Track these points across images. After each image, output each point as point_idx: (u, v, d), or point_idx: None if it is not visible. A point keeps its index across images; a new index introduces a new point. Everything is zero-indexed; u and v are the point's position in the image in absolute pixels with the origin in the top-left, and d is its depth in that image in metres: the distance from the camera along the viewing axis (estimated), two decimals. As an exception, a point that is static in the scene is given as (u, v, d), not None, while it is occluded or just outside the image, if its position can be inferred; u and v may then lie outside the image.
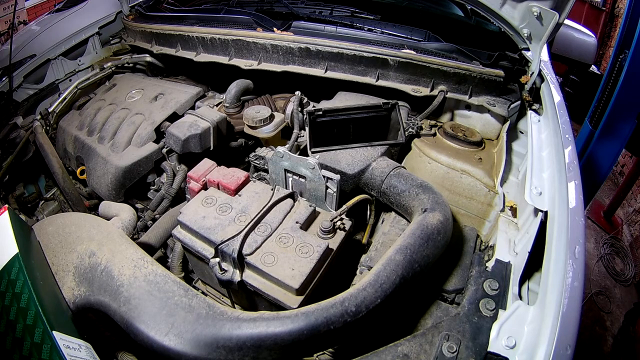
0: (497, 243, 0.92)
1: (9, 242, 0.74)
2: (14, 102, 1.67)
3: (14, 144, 1.55)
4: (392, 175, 1.02)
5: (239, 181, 0.99)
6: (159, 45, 1.75)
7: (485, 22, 1.56)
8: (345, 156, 1.08)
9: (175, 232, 0.93)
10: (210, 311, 0.69)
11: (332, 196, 1.03)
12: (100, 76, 1.81)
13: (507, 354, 0.67)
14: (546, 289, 0.71)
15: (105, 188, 1.32)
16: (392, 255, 0.75)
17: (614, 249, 3.19)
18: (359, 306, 0.67)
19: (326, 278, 0.86)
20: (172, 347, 0.66)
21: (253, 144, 1.45)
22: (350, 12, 1.70)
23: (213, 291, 1.09)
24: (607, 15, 4.61)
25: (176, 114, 1.44)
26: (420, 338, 0.73)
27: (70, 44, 1.87)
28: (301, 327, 0.64)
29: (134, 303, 0.72)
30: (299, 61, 1.40)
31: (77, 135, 1.48)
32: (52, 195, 1.63)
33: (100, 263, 0.78)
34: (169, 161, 1.37)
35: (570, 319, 0.67)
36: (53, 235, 0.85)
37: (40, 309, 0.67)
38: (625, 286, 2.99)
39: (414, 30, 1.43)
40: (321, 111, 1.07)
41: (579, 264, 0.75)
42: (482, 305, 0.78)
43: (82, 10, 2.00)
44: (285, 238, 0.85)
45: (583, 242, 0.79)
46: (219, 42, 1.51)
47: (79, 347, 0.68)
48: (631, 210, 3.35)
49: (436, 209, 0.87)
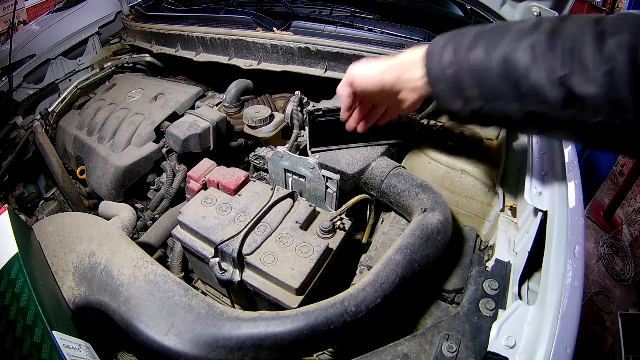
0: (497, 243, 0.92)
1: (9, 242, 0.74)
2: (14, 102, 1.67)
3: (14, 144, 1.55)
4: (392, 175, 1.02)
5: (239, 181, 0.99)
6: (159, 45, 1.75)
7: (485, 22, 1.56)
8: (345, 156, 1.08)
9: (175, 232, 0.93)
10: (210, 311, 0.69)
11: (332, 196, 1.03)
12: (100, 76, 1.81)
13: (507, 354, 0.67)
14: (546, 289, 0.71)
15: (105, 188, 1.32)
16: (392, 255, 0.75)
17: (614, 249, 3.19)
18: (359, 306, 0.67)
19: (326, 278, 0.86)
20: (172, 347, 0.66)
21: (253, 144, 1.45)
22: (350, 12, 1.70)
23: (213, 291, 1.09)
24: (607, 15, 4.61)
25: (176, 114, 1.44)
26: (420, 338, 0.73)
27: (70, 44, 1.87)
28: (301, 327, 0.64)
29: (134, 303, 0.72)
30: (299, 61, 1.40)
31: (77, 135, 1.48)
32: (52, 195, 1.63)
33: (100, 263, 0.78)
34: (169, 161, 1.38)
35: (570, 319, 0.67)
36: (53, 235, 0.85)
37: (40, 309, 0.67)
38: (625, 286, 3.00)
39: (414, 30, 1.43)
40: (321, 111, 1.07)
41: (579, 264, 0.74)
42: (482, 305, 0.78)
43: (82, 10, 2.00)
44: (285, 238, 0.85)
45: (583, 242, 0.79)
46: (219, 42, 1.51)
47: (79, 347, 0.68)
48: (631, 210, 3.35)
49: (436, 209, 0.87)
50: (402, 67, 0.78)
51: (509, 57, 0.63)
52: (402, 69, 0.77)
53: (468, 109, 0.69)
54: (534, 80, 0.61)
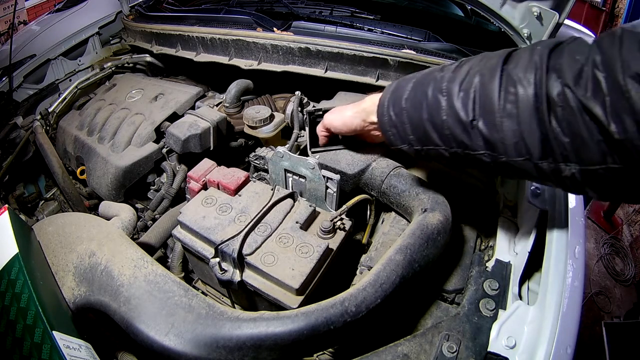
0: (497, 243, 0.92)
1: (9, 242, 0.74)
2: (14, 102, 1.67)
3: (14, 144, 1.55)
4: (392, 175, 1.02)
5: (239, 181, 0.99)
6: (159, 45, 1.75)
7: (485, 22, 1.56)
8: (345, 156, 1.08)
9: (175, 232, 0.93)
10: (210, 311, 0.69)
11: (332, 196, 1.03)
12: (100, 76, 1.81)
13: (507, 354, 0.67)
14: (546, 289, 0.72)
15: (105, 188, 1.32)
16: (392, 255, 0.75)
17: (614, 249, 3.19)
18: (359, 306, 0.67)
19: (326, 278, 0.86)
20: (172, 347, 0.66)
21: (253, 144, 1.45)
22: (350, 12, 1.70)
23: (213, 291, 1.09)
24: (607, 15, 4.61)
25: (176, 114, 1.44)
26: (420, 338, 0.73)
27: (70, 44, 1.87)
28: (301, 327, 0.64)
29: (134, 303, 0.72)
30: (299, 61, 1.40)
31: (77, 135, 1.48)
32: (52, 195, 1.63)
33: (100, 263, 0.78)
34: (169, 161, 1.37)
35: (570, 319, 0.67)
36: (53, 235, 0.85)
37: (40, 309, 0.67)
38: (625, 286, 3.00)
39: (414, 30, 1.43)
40: (321, 111, 1.07)
41: (579, 264, 0.75)
42: (482, 305, 0.78)
43: (82, 10, 2.00)
44: (285, 238, 0.85)
45: (583, 242, 0.79)
46: (219, 42, 1.51)
47: (79, 347, 0.68)
48: (631, 210, 3.35)
49: (436, 209, 0.87)
50: (364, 114, 0.91)
51: (431, 107, 0.70)
52: (363, 116, 0.91)
53: (412, 150, 0.78)
54: (450, 126, 0.68)
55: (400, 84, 0.79)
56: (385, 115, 0.80)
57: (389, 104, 0.79)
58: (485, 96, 0.63)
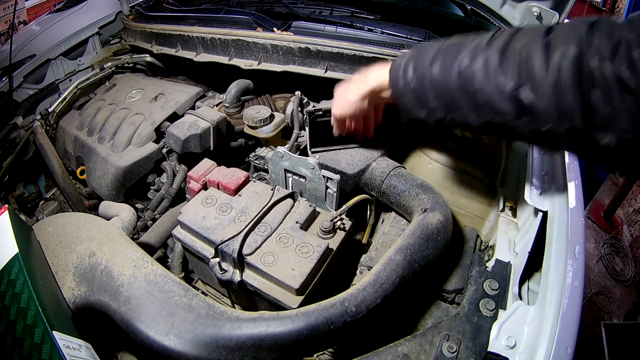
0: (497, 243, 0.91)
1: (9, 242, 0.74)
2: (14, 102, 1.67)
3: (14, 144, 1.55)
4: (392, 175, 1.02)
5: (239, 181, 0.99)
6: (159, 45, 1.75)
7: (485, 22, 1.56)
8: (345, 156, 1.08)
9: (175, 232, 0.93)
10: (210, 311, 0.69)
11: (332, 196, 1.03)
12: (100, 76, 1.81)
13: (507, 354, 0.67)
14: (546, 289, 0.71)
15: (105, 188, 1.32)
16: (392, 255, 0.75)
17: (614, 249, 3.18)
18: (359, 306, 0.67)
19: (326, 278, 0.86)
20: (172, 347, 0.66)
21: (253, 144, 1.45)
22: (350, 12, 1.70)
23: (213, 291, 1.09)
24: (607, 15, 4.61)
25: (176, 114, 1.44)
26: (420, 338, 0.73)
27: (70, 44, 1.87)
28: (301, 327, 0.64)
29: (134, 303, 0.72)
30: (299, 61, 1.40)
31: (77, 135, 1.48)
32: (52, 195, 1.63)
33: (100, 263, 0.78)
34: (169, 161, 1.37)
35: (570, 319, 0.67)
36: (53, 235, 0.85)
37: (40, 309, 0.67)
38: (625, 286, 2.99)
39: (414, 30, 1.43)
40: (321, 111, 1.07)
41: (579, 264, 0.74)
42: (482, 305, 0.78)
43: (82, 10, 2.00)
44: (285, 238, 0.85)
45: (583, 242, 0.79)
46: (219, 42, 1.51)
47: (79, 347, 0.68)
48: (631, 210, 3.35)
49: (436, 209, 0.87)
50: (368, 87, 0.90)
51: (465, 73, 0.69)
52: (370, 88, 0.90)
53: (432, 118, 0.76)
54: (487, 94, 0.66)
55: (421, 50, 0.78)
56: (400, 80, 0.79)
57: (406, 69, 0.77)
58: (529, 65, 0.62)
